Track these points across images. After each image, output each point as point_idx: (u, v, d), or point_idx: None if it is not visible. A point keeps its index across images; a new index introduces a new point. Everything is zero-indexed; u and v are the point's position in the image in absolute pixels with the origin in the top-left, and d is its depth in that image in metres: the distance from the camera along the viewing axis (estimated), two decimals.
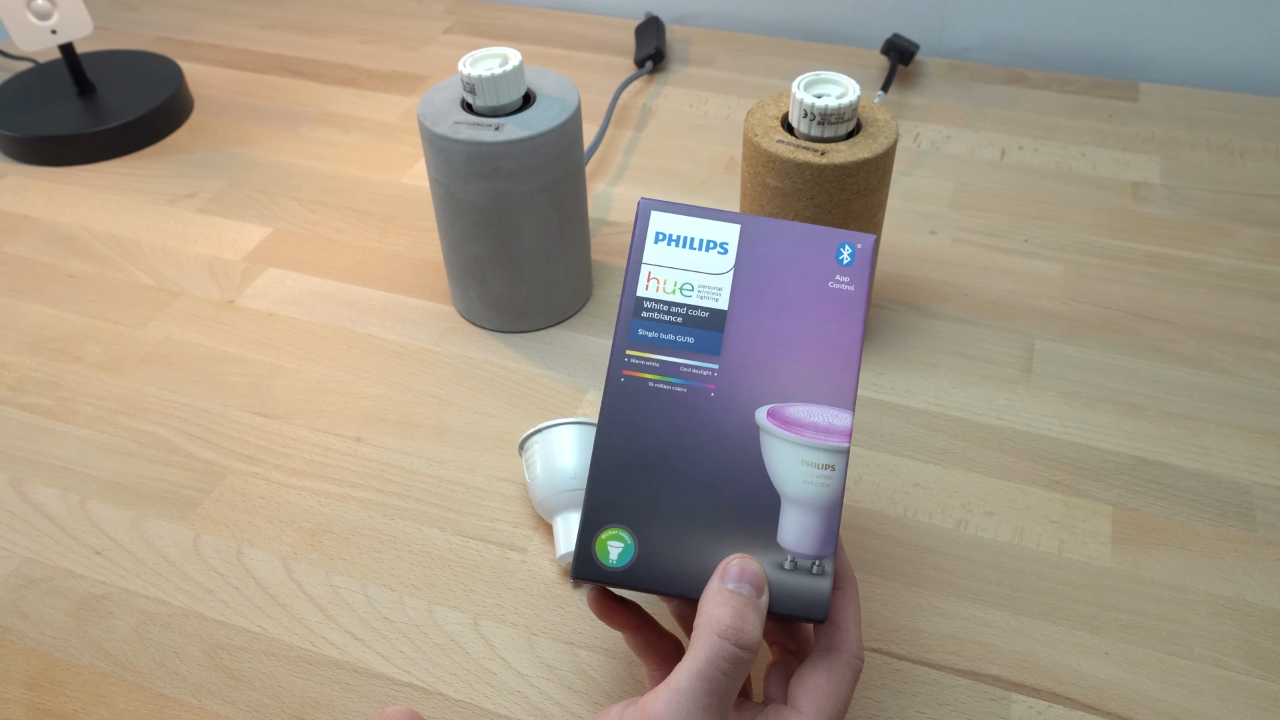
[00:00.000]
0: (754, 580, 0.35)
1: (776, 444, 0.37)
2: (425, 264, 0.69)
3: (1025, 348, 0.62)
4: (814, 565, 0.36)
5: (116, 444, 0.57)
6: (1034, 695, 0.45)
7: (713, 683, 0.33)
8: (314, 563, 0.50)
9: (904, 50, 0.88)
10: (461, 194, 0.57)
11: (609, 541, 0.37)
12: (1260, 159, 0.78)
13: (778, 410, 0.38)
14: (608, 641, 0.47)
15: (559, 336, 0.63)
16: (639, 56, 0.91)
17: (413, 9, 1.03)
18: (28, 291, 0.68)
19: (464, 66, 0.56)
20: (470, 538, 0.51)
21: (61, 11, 0.79)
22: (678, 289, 0.39)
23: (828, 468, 0.37)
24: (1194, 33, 0.87)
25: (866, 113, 0.55)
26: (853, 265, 0.39)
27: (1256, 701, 0.44)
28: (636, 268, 0.39)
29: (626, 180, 0.77)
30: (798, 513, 0.37)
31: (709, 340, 0.38)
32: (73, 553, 0.51)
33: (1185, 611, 0.48)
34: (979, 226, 0.71)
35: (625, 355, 0.38)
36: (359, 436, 0.57)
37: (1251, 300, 0.65)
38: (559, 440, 0.49)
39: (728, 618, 0.34)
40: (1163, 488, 0.53)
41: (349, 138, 0.83)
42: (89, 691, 0.45)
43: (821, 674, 0.36)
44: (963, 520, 0.52)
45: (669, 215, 0.40)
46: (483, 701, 0.45)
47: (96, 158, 0.81)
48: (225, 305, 0.66)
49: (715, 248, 0.39)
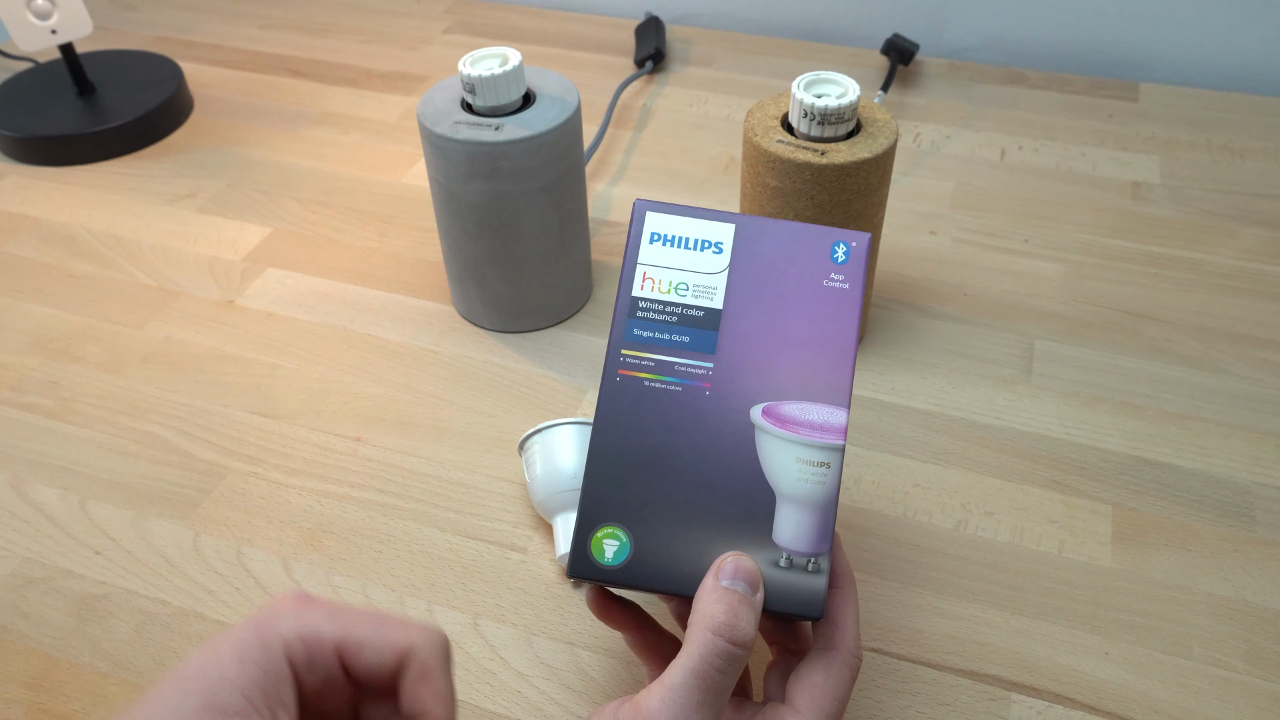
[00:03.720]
0: (749, 577, 0.35)
1: (772, 442, 0.37)
2: (425, 264, 0.69)
3: (1025, 348, 0.62)
4: (809, 563, 0.36)
5: (116, 444, 0.57)
6: (1034, 695, 0.45)
7: (707, 679, 0.33)
8: (314, 563, 0.50)
9: (904, 50, 0.88)
10: (461, 194, 0.57)
11: (605, 540, 0.37)
12: (1260, 159, 0.78)
13: (773, 408, 0.38)
14: (608, 641, 0.47)
15: (559, 336, 0.63)
16: (639, 56, 0.91)
17: (413, 9, 1.03)
18: (28, 291, 0.68)
19: (464, 66, 0.56)
20: (470, 538, 0.51)
21: (61, 11, 0.79)
22: (673, 289, 0.39)
23: (823, 465, 0.37)
24: (1194, 33, 0.87)
25: (866, 113, 0.55)
26: (848, 263, 0.39)
27: (1256, 701, 0.44)
28: (632, 268, 0.39)
29: (626, 180, 0.77)
30: (793, 510, 0.37)
31: (704, 339, 0.38)
32: (73, 553, 0.51)
33: (1185, 611, 0.48)
34: (979, 226, 0.71)
35: (621, 355, 0.38)
36: (359, 436, 0.57)
37: (1251, 300, 0.65)
38: (559, 440, 0.49)
39: (722, 614, 0.34)
40: (1163, 488, 0.53)
41: (349, 138, 0.83)
42: (89, 691, 0.45)
43: (819, 672, 0.36)
44: (962, 520, 0.52)
45: (664, 216, 0.40)
46: (483, 701, 0.45)
47: (96, 158, 0.81)
48: (225, 305, 0.66)
49: (710, 247, 0.39)
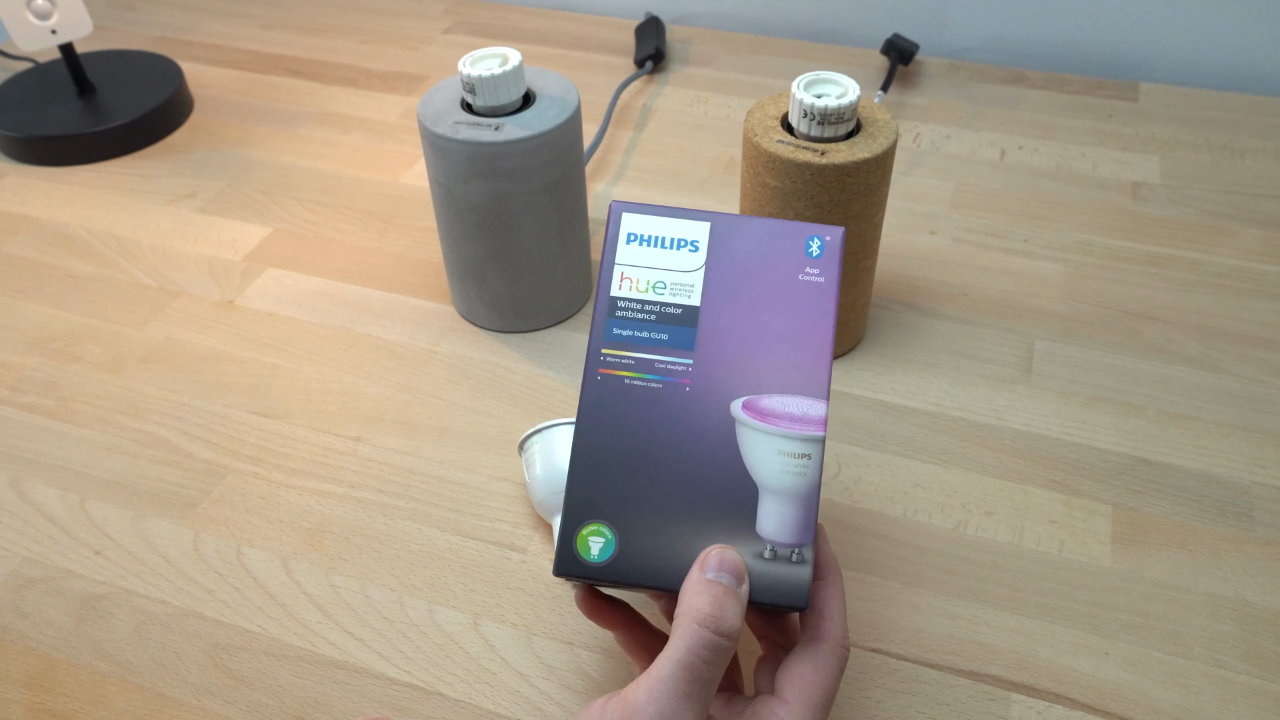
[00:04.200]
0: (733, 569, 0.35)
1: (752, 435, 0.38)
2: (425, 264, 0.69)
3: (1025, 348, 0.62)
4: (793, 554, 0.37)
5: (116, 444, 0.57)
6: (1034, 695, 0.45)
7: (693, 671, 0.33)
8: (314, 563, 0.50)
9: (904, 50, 0.88)
10: (461, 194, 0.57)
11: (590, 537, 0.37)
12: (1260, 159, 0.78)
13: (753, 402, 0.38)
14: (607, 641, 0.47)
15: (559, 336, 0.63)
16: (639, 56, 0.91)
17: (413, 9, 1.03)
18: (27, 291, 0.68)
19: (464, 66, 0.56)
20: (470, 538, 0.51)
21: (61, 11, 0.79)
22: (650, 287, 0.39)
23: (804, 457, 0.37)
24: (1194, 33, 0.87)
25: (866, 113, 0.55)
26: (822, 258, 0.40)
27: (1256, 701, 0.44)
28: (609, 269, 0.40)
29: (626, 180, 0.77)
30: (776, 502, 0.37)
31: (683, 336, 0.39)
32: (72, 553, 0.51)
33: (1185, 611, 0.48)
34: (979, 226, 0.71)
35: (601, 354, 0.39)
36: (359, 436, 0.57)
37: (1251, 300, 0.65)
38: (559, 440, 0.49)
39: (707, 606, 0.34)
40: (1163, 488, 0.53)
41: (349, 138, 0.83)
42: (89, 691, 0.45)
43: (806, 663, 0.36)
44: (962, 520, 0.52)
45: (640, 216, 0.40)
46: (483, 701, 0.45)
47: (96, 158, 0.81)
48: (225, 305, 0.66)
49: (686, 246, 0.40)
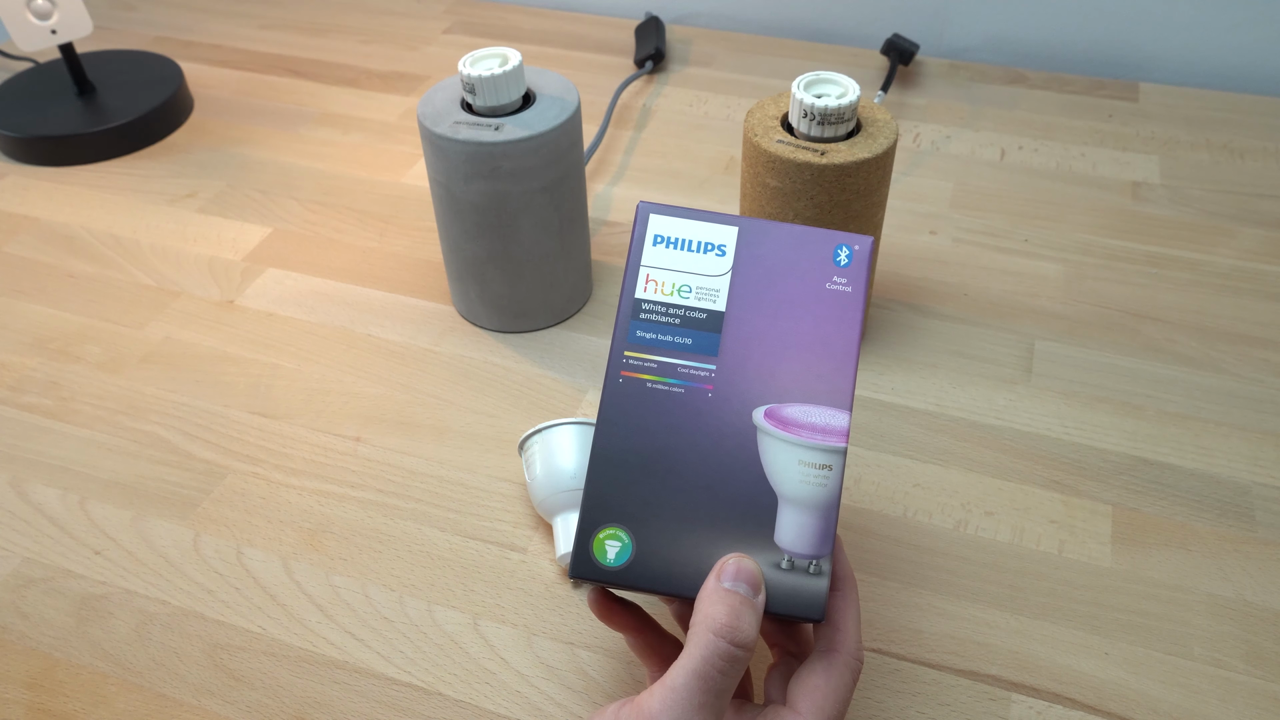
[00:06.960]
0: (750, 579, 0.35)
1: (774, 444, 0.37)
2: (425, 264, 0.69)
3: (1025, 348, 0.62)
4: (811, 565, 0.36)
5: (116, 444, 0.57)
6: (1034, 695, 0.45)
7: (708, 681, 0.33)
8: (314, 563, 0.50)
9: (904, 50, 0.88)
10: (461, 194, 0.57)
11: (606, 541, 0.37)
12: (1260, 159, 0.78)
13: (775, 410, 0.38)
14: (608, 642, 0.47)
15: (559, 336, 0.63)
16: (639, 56, 0.91)
17: (413, 9, 1.03)
18: (27, 291, 0.68)
19: (464, 66, 0.56)
20: (470, 538, 0.51)
21: (61, 11, 0.79)
22: (675, 291, 0.39)
23: (825, 468, 0.37)
24: (1194, 33, 0.87)
25: (866, 113, 0.55)
26: (850, 267, 0.39)
27: (1256, 701, 0.44)
28: (635, 270, 0.39)
29: (626, 180, 0.77)
30: (795, 513, 0.37)
31: (707, 341, 0.38)
32: (72, 553, 0.51)
33: (1185, 611, 0.48)
34: (979, 226, 0.71)
35: (623, 356, 0.38)
36: (359, 436, 0.57)
37: (1251, 300, 0.65)
38: (559, 440, 0.49)
39: (723, 616, 0.34)
40: (1163, 488, 0.53)
41: (349, 138, 0.83)
42: (89, 691, 0.45)
43: (820, 674, 0.36)
44: (962, 520, 0.52)
45: (667, 218, 0.40)
46: (483, 701, 0.45)
47: (96, 158, 0.81)
48: (225, 305, 0.66)
49: (713, 250, 0.39)
